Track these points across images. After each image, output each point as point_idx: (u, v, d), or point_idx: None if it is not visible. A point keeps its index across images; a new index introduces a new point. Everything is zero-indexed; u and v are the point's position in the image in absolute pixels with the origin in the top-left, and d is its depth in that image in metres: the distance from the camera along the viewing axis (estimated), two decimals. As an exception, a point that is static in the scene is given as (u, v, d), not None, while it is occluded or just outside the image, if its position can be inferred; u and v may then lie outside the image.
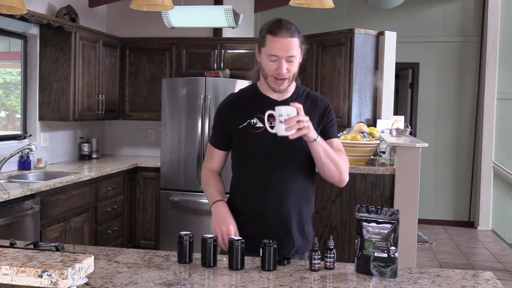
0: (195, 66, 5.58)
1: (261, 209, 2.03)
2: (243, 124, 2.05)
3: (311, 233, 2.13)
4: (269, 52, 1.95)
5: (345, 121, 5.07)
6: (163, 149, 5.17)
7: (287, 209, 2.03)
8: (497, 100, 6.98)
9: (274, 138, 1.95)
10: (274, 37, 1.93)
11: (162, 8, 3.06)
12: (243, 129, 2.04)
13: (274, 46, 1.94)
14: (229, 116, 2.10)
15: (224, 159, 2.18)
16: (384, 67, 5.18)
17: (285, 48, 1.93)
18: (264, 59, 1.98)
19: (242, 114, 2.06)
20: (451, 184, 7.25)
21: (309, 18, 7.11)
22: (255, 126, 2.03)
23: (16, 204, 3.46)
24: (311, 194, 2.13)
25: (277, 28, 1.94)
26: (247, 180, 2.08)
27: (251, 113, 2.05)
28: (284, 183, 2.02)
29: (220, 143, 2.15)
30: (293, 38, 1.94)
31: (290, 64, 1.96)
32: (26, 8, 2.70)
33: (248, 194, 2.08)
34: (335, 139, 2.10)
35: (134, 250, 1.95)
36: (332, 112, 2.14)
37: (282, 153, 2.02)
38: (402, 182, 3.91)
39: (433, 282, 1.67)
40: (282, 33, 1.93)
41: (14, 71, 4.93)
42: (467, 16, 7.15)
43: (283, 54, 1.94)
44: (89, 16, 5.61)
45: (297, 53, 1.97)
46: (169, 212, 5.14)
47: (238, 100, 2.13)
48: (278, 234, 1.97)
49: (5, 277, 1.24)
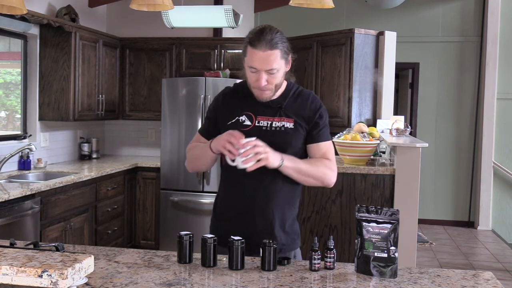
0: (195, 66, 5.58)
1: (247, 207, 2.02)
2: (232, 121, 2.02)
3: (296, 232, 2.11)
4: (249, 63, 1.92)
5: (345, 121, 5.07)
6: (163, 149, 5.17)
7: (271, 208, 2.02)
8: (497, 100, 6.98)
9: (263, 137, 1.94)
10: (253, 49, 1.89)
11: (162, 8, 3.06)
12: (231, 126, 2.01)
13: (253, 58, 1.89)
14: (221, 109, 2.09)
15: None
16: (384, 67, 5.18)
17: (264, 61, 1.88)
18: (246, 68, 1.95)
19: (232, 110, 2.05)
20: (451, 184, 7.25)
21: (309, 18, 7.11)
22: (243, 123, 2.01)
23: (16, 204, 3.46)
24: (297, 191, 2.11)
25: (257, 40, 1.88)
26: (234, 178, 2.06)
27: (240, 110, 2.03)
28: (270, 182, 2.00)
29: (209, 133, 2.10)
30: (273, 51, 1.88)
31: (271, 76, 1.92)
32: (26, 8, 2.70)
33: (235, 191, 2.06)
34: (323, 143, 2.06)
35: (134, 250, 1.95)
36: (323, 114, 2.08)
37: None
38: (402, 182, 3.91)
39: (433, 282, 1.67)
40: (262, 45, 1.87)
41: (14, 71, 4.93)
42: (467, 16, 7.15)
43: (262, 67, 1.89)
44: (89, 16, 5.61)
45: (278, 66, 1.91)
46: (169, 212, 5.14)
47: (231, 94, 2.11)
48: (262, 233, 1.96)
49: (5, 277, 1.24)
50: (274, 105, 2.02)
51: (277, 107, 2.02)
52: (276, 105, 2.02)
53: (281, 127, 2.00)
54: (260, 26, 1.95)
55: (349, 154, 4.13)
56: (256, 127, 2.00)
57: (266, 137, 1.95)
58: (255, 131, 1.97)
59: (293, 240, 2.10)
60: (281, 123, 2.00)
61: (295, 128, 2.01)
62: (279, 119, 2.01)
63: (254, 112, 2.02)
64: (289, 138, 1.99)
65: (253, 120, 2.01)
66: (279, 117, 2.01)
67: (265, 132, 1.98)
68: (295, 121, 2.01)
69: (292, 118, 2.01)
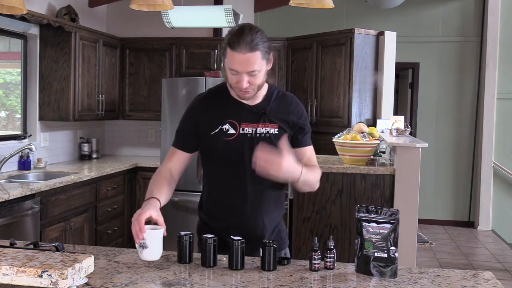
0: (195, 66, 5.58)
1: (235, 217, 1.99)
2: (215, 131, 1.96)
3: (284, 230, 2.12)
4: (229, 65, 1.86)
5: (345, 121, 5.07)
6: (163, 149, 5.17)
7: (261, 216, 2.00)
8: (497, 100, 6.98)
9: (247, 145, 1.93)
10: (233, 52, 1.81)
11: (162, 8, 3.06)
12: (214, 136, 1.96)
13: (234, 60, 1.83)
14: (200, 120, 1.99)
15: (185, 162, 2.06)
16: (384, 67, 5.18)
17: (245, 64, 1.82)
18: (227, 69, 1.89)
19: (213, 119, 1.98)
20: (451, 184, 7.25)
21: (309, 18, 7.11)
22: (227, 133, 1.96)
23: (16, 204, 3.46)
24: (282, 196, 2.12)
25: (236, 42, 1.80)
26: (220, 188, 2.03)
27: (222, 118, 1.97)
28: (258, 190, 1.98)
29: (186, 145, 2.04)
30: (253, 53, 1.81)
31: (253, 77, 1.86)
32: (26, 8, 2.70)
33: (222, 201, 2.03)
34: (308, 147, 2.05)
35: (134, 250, 1.94)
36: (306, 118, 2.06)
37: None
38: (402, 182, 3.91)
39: (433, 282, 1.67)
40: (241, 48, 1.80)
41: (14, 71, 4.93)
42: (467, 16, 7.15)
43: (242, 69, 1.83)
44: (89, 16, 5.61)
45: (259, 67, 1.84)
46: (169, 212, 5.14)
47: (208, 103, 2.03)
48: (252, 239, 1.91)
49: (5, 277, 1.24)
50: (257, 110, 1.98)
51: (260, 113, 1.98)
52: (260, 110, 1.98)
53: (265, 133, 1.96)
54: (238, 26, 1.88)
55: (349, 154, 4.13)
56: (240, 135, 1.96)
57: (250, 144, 1.93)
58: (240, 139, 1.95)
59: (283, 240, 2.10)
60: (266, 129, 1.96)
61: (280, 134, 1.97)
62: (263, 125, 1.97)
63: (237, 119, 1.97)
64: (273, 145, 1.93)
65: (237, 128, 1.96)
66: (263, 123, 1.97)
67: (250, 140, 1.95)
68: (279, 126, 1.98)
69: (276, 124, 1.98)
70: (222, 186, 2.03)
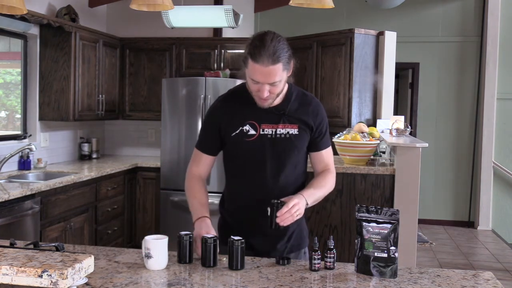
0: (195, 66, 5.58)
1: (257, 216, 1.99)
2: (236, 132, 1.98)
3: (304, 228, 2.14)
4: (250, 75, 1.87)
5: (345, 121, 5.07)
6: (163, 149, 5.17)
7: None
8: (497, 100, 6.98)
9: (268, 146, 1.95)
10: (255, 64, 1.82)
11: (162, 8, 3.06)
12: (235, 137, 1.98)
13: (255, 72, 1.83)
14: (222, 122, 2.01)
15: (211, 164, 2.11)
16: (384, 67, 5.18)
17: (267, 76, 1.83)
18: (247, 78, 1.90)
19: (234, 120, 1.99)
20: (451, 184, 7.25)
21: (309, 18, 7.12)
22: (248, 133, 1.97)
23: (16, 204, 3.46)
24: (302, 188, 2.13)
25: (258, 54, 1.80)
26: (242, 187, 2.05)
27: (242, 119, 1.99)
28: (280, 189, 1.99)
29: (211, 149, 2.07)
30: (275, 66, 1.81)
31: (274, 87, 1.87)
32: (26, 8, 2.70)
33: (244, 201, 2.05)
34: (325, 150, 2.08)
35: (134, 250, 1.95)
36: (326, 121, 2.09)
37: (277, 159, 1.98)
38: (402, 182, 3.91)
39: (433, 282, 1.67)
40: (264, 60, 1.80)
41: (14, 71, 4.93)
42: (467, 16, 7.15)
43: (264, 81, 1.84)
44: (89, 16, 5.61)
45: (280, 77, 1.85)
46: (169, 212, 5.14)
47: (229, 104, 2.04)
48: (275, 238, 1.98)
49: (5, 277, 1.24)
50: (277, 111, 1.99)
51: (280, 113, 1.99)
52: (279, 111, 1.99)
53: (285, 134, 1.98)
54: (261, 34, 1.87)
55: (349, 154, 4.13)
56: (261, 135, 1.97)
57: (271, 145, 1.96)
58: (260, 140, 1.96)
59: (303, 239, 2.12)
60: (286, 130, 1.98)
61: (300, 134, 2.00)
62: (283, 126, 1.98)
63: (257, 120, 1.98)
64: (294, 145, 1.98)
65: (257, 129, 1.98)
66: (283, 123, 1.98)
67: (270, 140, 1.97)
68: (299, 127, 2.00)
69: (296, 124, 2.00)
70: (243, 186, 2.05)
